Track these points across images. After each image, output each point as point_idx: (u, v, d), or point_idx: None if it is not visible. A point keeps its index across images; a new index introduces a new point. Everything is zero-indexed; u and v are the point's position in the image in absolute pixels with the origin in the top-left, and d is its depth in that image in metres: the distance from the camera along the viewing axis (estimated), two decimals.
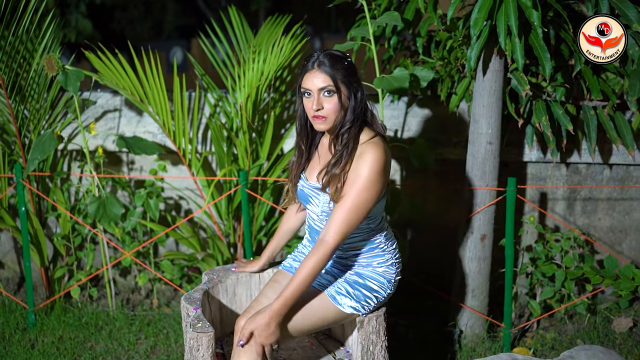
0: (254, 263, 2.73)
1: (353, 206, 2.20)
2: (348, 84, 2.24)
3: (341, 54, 2.27)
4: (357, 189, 2.20)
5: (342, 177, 2.25)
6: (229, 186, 3.49)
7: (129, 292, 3.88)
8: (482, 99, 3.03)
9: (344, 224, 2.20)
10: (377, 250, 2.40)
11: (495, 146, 3.10)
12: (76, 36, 7.78)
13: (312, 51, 2.31)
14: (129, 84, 3.26)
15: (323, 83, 2.21)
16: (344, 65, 2.25)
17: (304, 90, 2.25)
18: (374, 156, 2.20)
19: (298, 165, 2.45)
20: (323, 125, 2.25)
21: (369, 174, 2.19)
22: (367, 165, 2.19)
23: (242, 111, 3.16)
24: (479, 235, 3.21)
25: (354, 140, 2.27)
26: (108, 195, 3.29)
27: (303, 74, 2.25)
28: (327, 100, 2.23)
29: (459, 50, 3.14)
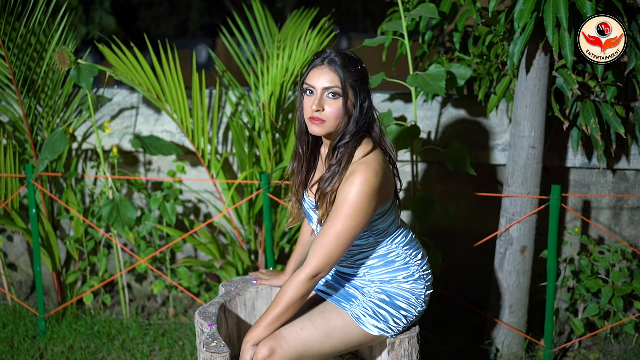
0: (277, 276, 2.52)
1: (334, 234, 1.96)
2: (357, 90, 2.01)
3: (356, 57, 2.05)
4: (340, 215, 1.96)
5: (331, 196, 2.02)
6: (251, 190, 3.29)
7: (144, 299, 3.70)
8: (524, 99, 2.79)
9: (323, 254, 1.98)
10: (398, 264, 2.17)
11: (538, 151, 2.85)
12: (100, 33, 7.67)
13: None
14: (146, 80, 3.08)
15: (330, 82, 1.98)
16: (357, 69, 2.02)
17: (307, 87, 2.02)
18: (362, 179, 1.95)
19: (298, 174, 2.20)
20: (319, 129, 2.01)
21: (353, 200, 1.94)
22: (353, 189, 1.95)
23: (265, 110, 2.95)
24: (518, 247, 2.96)
25: (349, 156, 2.03)
26: (122, 198, 3.11)
27: (310, 69, 2.03)
28: (330, 102, 1.99)
29: (499, 46, 2.90)
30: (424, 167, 3.36)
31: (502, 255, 3.01)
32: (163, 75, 3.10)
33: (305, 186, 2.20)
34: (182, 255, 3.65)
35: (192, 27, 11.07)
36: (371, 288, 2.17)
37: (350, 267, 2.21)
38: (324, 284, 2.30)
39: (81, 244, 3.47)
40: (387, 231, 2.14)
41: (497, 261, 3.04)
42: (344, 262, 2.22)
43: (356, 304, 2.15)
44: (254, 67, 3.37)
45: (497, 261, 3.03)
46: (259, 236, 3.40)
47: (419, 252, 2.22)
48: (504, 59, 2.91)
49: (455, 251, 3.36)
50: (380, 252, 2.16)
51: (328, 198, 2.02)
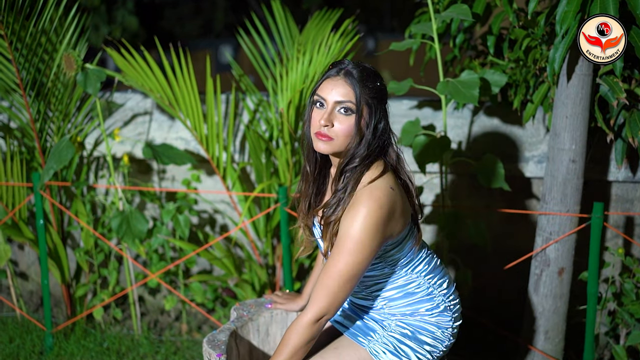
0: (294, 300, 2.33)
1: (336, 273, 1.76)
2: (372, 108, 1.80)
3: (376, 71, 1.84)
4: (340, 251, 1.75)
5: (334, 226, 1.81)
6: (268, 203, 3.09)
7: (157, 312, 3.54)
8: (565, 108, 2.55)
9: (325, 295, 1.78)
10: (420, 294, 1.95)
11: (579, 165, 2.62)
12: (121, 33, 7.54)
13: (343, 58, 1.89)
14: (157, 86, 2.90)
15: (343, 96, 1.78)
16: (376, 85, 1.81)
17: (317, 98, 1.82)
18: (364, 211, 1.73)
19: (305, 197, 1.97)
20: (325, 146, 1.80)
21: (355, 234, 1.73)
22: (355, 222, 1.73)
23: (282, 119, 2.75)
24: (556, 269, 2.73)
25: (355, 181, 1.81)
26: (132, 210, 2.94)
27: (323, 78, 1.84)
28: (341, 118, 1.78)
29: (537, 51, 2.67)
30: (454, 178, 3.14)
31: (537, 276, 2.78)
32: (175, 80, 2.92)
33: (315, 211, 1.97)
34: (196, 268, 3.48)
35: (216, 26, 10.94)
36: (391, 321, 1.96)
37: (366, 298, 2.01)
38: (340, 313, 2.09)
39: (91, 256, 3.32)
40: (405, 260, 1.92)
41: (531, 283, 2.81)
42: (359, 294, 2.01)
43: (375, 338, 1.94)
44: (272, 71, 3.18)
45: (532, 283, 2.80)
46: (277, 249, 3.21)
47: (444, 280, 2.00)
48: (543, 65, 2.68)
49: (486, 270, 3.14)
50: (399, 282, 1.94)
51: (331, 228, 1.82)
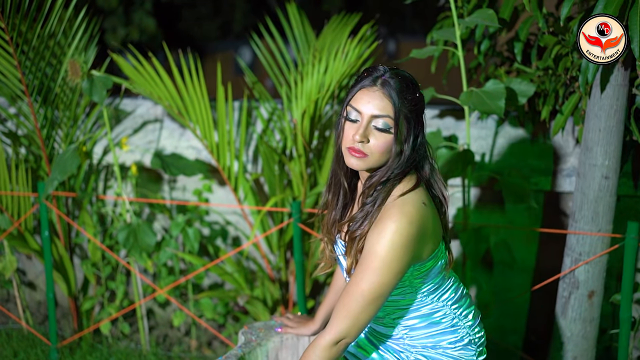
0: (306, 324, 2.18)
1: (359, 294, 1.61)
2: (411, 122, 1.64)
3: (414, 80, 1.67)
4: (365, 269, 1.60)
5: (359, 242, 1.66)
6: (281, 216, 2.96)
7: (166, 326, 3.42)
8: (598, 121, 2.38)
9: (346, 317, 1.63)
10: (444, 325, 1.80)
11: (612, 181, 2.44)
12: (139, 35, 7.46)
13: (376, 64, 1.71)
14: (166, 94, 2.78)
15: (380, 110, 1.61)
16: (415, 97, 1.65)
17: (351, 111, 1.65)
18: (393, 227, 1.58)
19: (332, 210, 1.81)
20: (358, 163, 1.64)
21: (382, 252, 1.58)
22: (383, 237, 1.58)
23: (296, 130, 2.61)
24: (585, 292, 2.56)
25: (386, 194, 1.66)
26: (140, 223, 2.82)
27: (358, 88, 1.65)
28: (377, 135, 1.62)
29: (569, 59, 2.50)
30: (477, 192, 2.98)
31: (565, 299, 2.61)
32: (185, 88, 2.80)
33: (339, 225, 1.81)
34: (207, 280, 3.35)
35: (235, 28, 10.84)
36: (410, 353, 1.81)
37: (386, 325, 1.85)
38: (354, 344, 1.94)
39: (98, 268, 3.21)
40: (433, 286, 1.77)
41: (559, 306, 2.64)
42: (379, 320, 1.86)
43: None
44: (286, 77, 3.04)
45: (559, 306, 2.64)
46: (290, 264, 3.08)
47: (470, 311, 1.84)
48: (574, 74, 2.51)
49: (511, 290, 2.98)
50: (423, 311, 1.79)
51: (356, 244, 1.66)
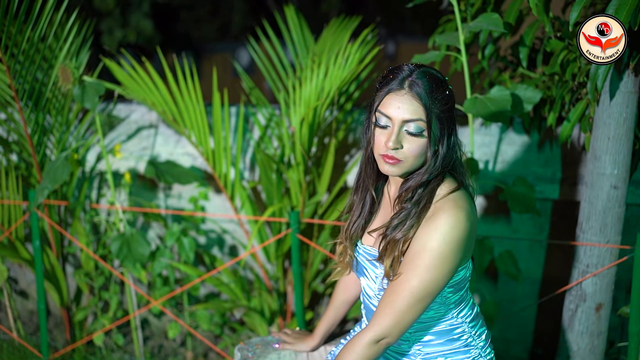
0: (304, 340, 2.10)
1: (408, 291, 1.55)
2: (444, 122, 1.56)
3: (442, 76, 1.59)
4: (416, 266, 1.54)
5: (403, 245, 1.58)
6: (279, 226, 2.88)
7: (161, 336, 3.34)
8: (607, 129, 2.31)
9: (391, 314, 1.56)
10: (459, 344, 1.72)
11: (621, 191, 2.36)
12: (136, 37, 7.38)
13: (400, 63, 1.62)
14: (160, 100, 2.69)
15: (412, 114, 1.53)
16: (445, 95, 1.56)
17: (379, 116, 1.57)
18: (450, 222, 1.53)
19: (357, 215, 1.73)
20: (393, 169, 1.58)
21: (439, 247, 1.52)
22: (438, 233, 1.53)
23: (294, 139, 2.53)
24: (593, 305, 2.48)
25: (429, 196, 1.59)
26: (133, 233, 2.74)
27: (385, 92, 1.56)
28: (410, 139, 1.55)
29: (576, 64, 2.42)
30: (481, 202, 2.90)
31: (572, 312, 2.53)
32: (180, 94, 2.71)
33: (363, 230, 1.75)
34: (203, 290, 3.27)
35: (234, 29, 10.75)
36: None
37: (401, 339, 1.75)
38: None
39: (91, 278, 3.12)
40: (457, 299, 1.70)
41: (565, 318, 2.56)
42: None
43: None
44: (284, 82, 2.96)
45: (566, 318, 2.55)
46: (288, 274, 3.00)
47: (483, 331, 1.77)
48: (582, 80, 2.43)
49: (516, 302, 2.90)
50: (443, 326, 1.71)
51: (399, 246, 1.58)
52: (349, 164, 2.97)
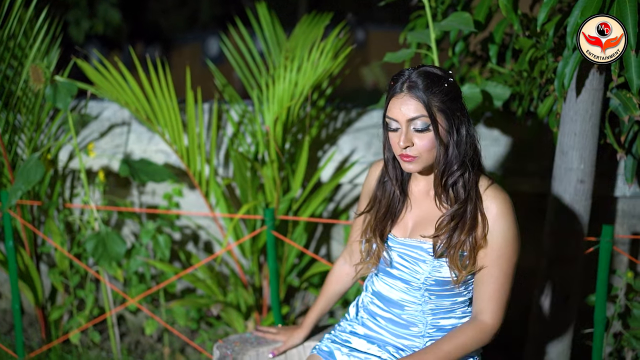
0: (293, 333, 2.14)
1: (507, 279, 1.76)
2: (448, 113, 1.68)
3: (441, 72, 1.70)
4: (505, 254, 1.73)
5: (469, 242, 1.72)
6: (254, 223, 2.90)
7: (138, 332, 3.34)
8: (574, 125, 2.37)
9: (503, 302, 1.77)
10: None
11: (587, 185, 2.44)
12: (104, 28, 7.28)
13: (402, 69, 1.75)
14: (132, 98, 2.69)
15: (414, 112, 1.67)
16: (444, 87, 1.67)
17: (389, 121, 1.72)
18: (510, 207, 1.74)
19: (386, 212, 1.85)
20: (413, 166, 1.72)
21: (514, 232, 1.74)
22: (507, 224, 1.73)
23: (269, 137, 2.55)
24: (561, 294, 2.56)
25: (476, 192, 1.73)
26: (109, 232, 2.74)
27: (389, 98, 1.72)
28: (419, 135, 1.68)
29: (544, 62, 2.48)
30: None
31: (540, 302, 2.60)
32: (152, 93, 2.71)
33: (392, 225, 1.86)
34: (179, 285, 3.28)
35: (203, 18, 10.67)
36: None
37: (413, 336, 1.86)
38: None
39: (66, 277, 3.11)
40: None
41: (534, 308, 2.64)
42: (399, 329, 1.88)
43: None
44: (257, 80, 2.97)
45: (535, 308, 2.63)
46: (264, 268, 3.03)
47: None
48: (550, 76, 2.49)
49: None
50: (458, 313, 1.87)
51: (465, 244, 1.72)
52: (323, 159, 3.00)
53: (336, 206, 3.11)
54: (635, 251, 2.91)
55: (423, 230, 1.79)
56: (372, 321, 1.93)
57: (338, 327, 2.02)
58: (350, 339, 1.94)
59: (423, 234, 1.78)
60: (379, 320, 1.91)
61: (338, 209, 3.11)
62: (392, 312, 1.88)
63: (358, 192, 3.09)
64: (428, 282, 1.77)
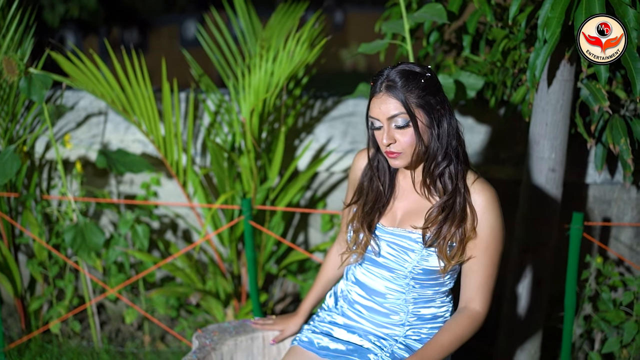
0: (290, 322, 2.18)
1: (494, 268, 1.85)
2: (427, 108, 1.73)
3: (419, 68, 1.75)
4: (494, 247, 1.82)
5: (459, 233, 1.78)
6: (231, 212, 2.92)
7: (118, 320, 3.36)
8: (545, 115, 2.42)
9: (491, 290, 1.86)
10: (440, 319, 1.95)
11: (558, 174, 2.49)
12: (79, 11, 7.18)
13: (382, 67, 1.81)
14: (109, 90, 2.68)
15: (393, 110, 1.73)
16: (421, 83, 1.72)
17: (371, 120, 1.78)
18: (497, 202, 1.82)
19: (374, 203, 1.90)
20: (399, 161, 1.78)
21: (500, 227, 1.82)
22: (494, 216, 1.81)
23: (245, 128, 2.57)
24: (533, 280, 2.62)
25: (464, 186, 1.79)
26: (87, 223, 2.74)
27: (370, 98, 1.79)
28: (400, 132, 1.74)
29: (517, 52, 2.52)
30: None
31: (513, 287, 2.67)
32: (128, 83, 2.70)
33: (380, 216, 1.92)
34: (158, 274, 3.30)
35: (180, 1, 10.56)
36: (395, 342, 1.92)
37: (394, 324, 1.93)
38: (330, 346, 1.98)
39: (45, 267, 3.12)
40: (455, 277, 1.94)
41: (507, 295, 2.70)
42: (381, 317, 1.93)
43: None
44: (234, 69, 2.97)
45: (508, 294, 2.70)
46: (242, 256, 3.06)
47: None
48: (522, 66, 2.53)
49: None
50: (438, 303, 1.94)
51: (455, 235, 1.79)
52: (300, 148, 3.03)
53: (313, 194, 3.15)
54: (605, 236, 2.98)
55: (412, 221, 1.84)
56: (352, 310, 1.97)
57: (317, 317, 2.06)
58: (330, 329, 1.99)
59: (413, 224, 1.83)
60: (360, 309, 1.96)
61: (315, 197, 3.15)
62: (374, 301, 1.92)
63: (335, 179, 3.12)
64: (416, 270, 1.83)
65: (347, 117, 3.01)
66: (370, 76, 1.83)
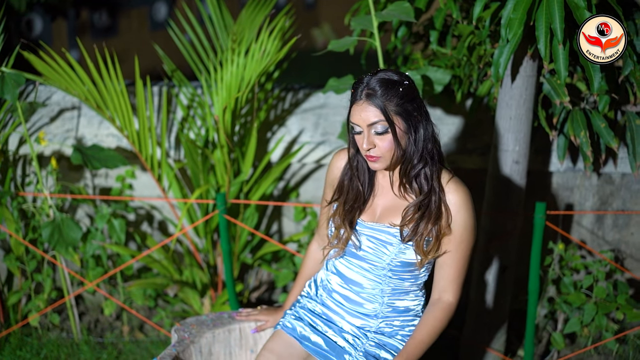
0: (274, 313, 2.28)
1: (466, 261, 1.97)
2: (404, 115, 1.82)
3: (397, 76, 1.83)
4: (466, 239, 1.93)
5: (434, 230, 1.90)
6: (206, 206, 2.98)
7: (97, 311, 3.41)
8: (509, 109, 2.51)
9: (462, 282, 1.99)
10: (412, 312, 2.06)
11: (522, 166, 2.59)
12: None
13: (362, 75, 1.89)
14: (82, 88, 2.70)
15: (373, 118, 1.82)
16: (399, 91, 1.80)
17: (352, 125, 1.88)
18: (468, 197, 1.92)
19: (354, 201, 1.99)
20: (378, 164, 1.89)
21: (472, 223, 1.93)
22: (467, 213, 1.92)
23: (218, 125, 2.62)
24: (499, 267, 2.74)
25: (439, 185, 1.89)
26: (64, 218, 2.78)
27: (351, 104, 1.88)
28: (380, 137, 1.83)
29: (482, 48, 2.59)
30: None
31: (480, 274, 2.78)
32: (101, 80, 2.72)
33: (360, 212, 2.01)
34: (136, 265, 3.35)
35: None
36: (366, 339, 2.02)
37: (367, 315, 2.03)
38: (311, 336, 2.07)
39: (23, 262, 3.15)
40: (428, 271, 2.04)
41: (473, 280, 2.81)
42: (356, 307, 2.04)
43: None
44: (206, 64, 3.01)
45: (474, 280, 2.81)
46: (217, 246, 3.12)
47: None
48: (487, 60, 2.61)
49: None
50: (411, 297, 2.04)
51: (431, 232, 1.89)
52: (272, 141, 3.09)
53: (286, 184, 3.21)
54: (568, 221, 3.11)
55: (391, 218, 1.94)
56: (331, 300, 2.08)
57: (298, 303, 2.16)
58: (311, 319, 2.09)
59: (391, 221, 1.93)
60: (338, 298, 2.06)
61: (288, 187, 3.21)
62: (351, 290, 2.03)
63: (307, 170, 3.19)
64: (394, 263, 1.93)
65: (318, 109, 3.07)
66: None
